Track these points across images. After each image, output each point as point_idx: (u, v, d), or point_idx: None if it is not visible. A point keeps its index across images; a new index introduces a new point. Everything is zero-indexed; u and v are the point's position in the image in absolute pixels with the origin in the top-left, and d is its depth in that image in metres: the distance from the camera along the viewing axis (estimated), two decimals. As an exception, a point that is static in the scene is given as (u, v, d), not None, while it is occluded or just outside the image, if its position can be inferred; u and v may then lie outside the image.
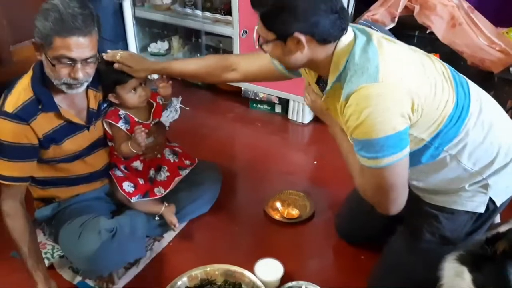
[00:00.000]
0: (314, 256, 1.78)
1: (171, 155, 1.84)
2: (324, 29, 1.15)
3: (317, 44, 1.19)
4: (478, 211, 1.33)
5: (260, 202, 1.99)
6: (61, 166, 1.59)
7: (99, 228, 1.51)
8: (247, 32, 2.50)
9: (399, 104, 1.15)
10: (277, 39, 1.19)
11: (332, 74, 1.24)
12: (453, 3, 2.34)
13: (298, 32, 1.15)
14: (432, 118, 1.21)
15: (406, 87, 1.16)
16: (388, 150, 1.16)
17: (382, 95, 1.13)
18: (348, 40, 1.21)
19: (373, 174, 1.22)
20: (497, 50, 2.28)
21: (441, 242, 1.38)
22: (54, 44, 1.32)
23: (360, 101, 1.15)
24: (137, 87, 1.61)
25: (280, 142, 2.54)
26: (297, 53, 1.20)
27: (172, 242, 1.81)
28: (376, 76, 1.14)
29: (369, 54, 1.18)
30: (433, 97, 1.20)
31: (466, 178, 1.31)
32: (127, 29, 2.89)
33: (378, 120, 1.13)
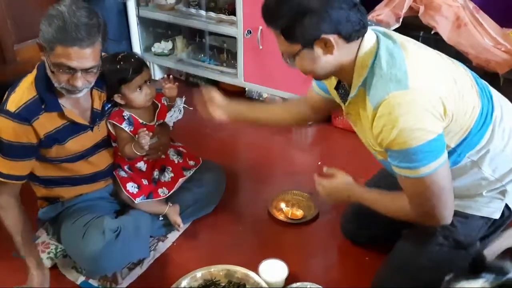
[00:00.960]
0: (319, 257, 1.78)
1: (175, 155, 1.84)
2: (348, 24, 1.12)
3: (343, 43, 1.15)
4: (493, 217, 1.33)
5: (264, 203, 1.99)
6: (65, 166, 1.59)
7: (103, 228, 1.51)
8: (251, 32, 2.50)
9: (433, 108, 1.12)
10: (303, 48, 1.16)
11: (356, 79, 1.21)
12: (458, 4, 2.32)
13: (324, 33, 1.12)
14: (460, 124, 1.20)
15: (437, 92, 1.14)
16: (430, 157, 1.14)
17: (415, 101, 1.11)
18: (371, 42, 1.19)
19: (418, 184, 1.18)
20: (503, 51, 2.27)
21: (454, 246, 1.37)
22: (56, 51, 1.31)
23: (392, 110, 1.12)
24: (142, 85, 1.61)
25: (284, 142, 2.54)
26: (327, 56, 1.17)
27: (176, 242, 1.81)
28: (406, 83, 1.12)
29: (395, 58, 1.16)
30: (462, 103, 1.19)
31: (485, 185, 1.30)
32: (131, 29, 2.88)
33: (416, 127, 1.11)
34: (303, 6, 1.09)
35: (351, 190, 1.45)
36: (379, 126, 1.16)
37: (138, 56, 1.66)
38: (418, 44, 1.27)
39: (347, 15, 1.11)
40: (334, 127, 2.55)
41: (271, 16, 1.16)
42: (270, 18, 1.17)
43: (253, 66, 2.61)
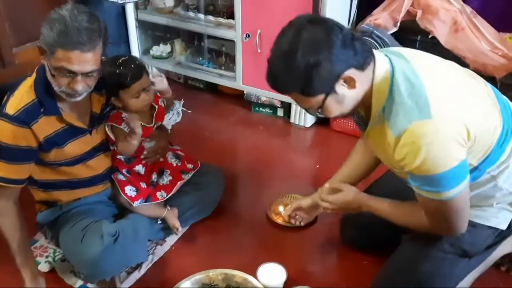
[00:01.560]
0: (317, 261, 1.78)
1: (174, 158, 1.84)
2: (356, 55, 1.13)
3: (360, 73, 1.16)
4: (500, 228, 1.34)
5: (262, 206, 1.99)
6: (63, 169, 1.59)
7: (101, 232, 1.50)
8: (249, 35, 2.50)
9: (457, 135, 1.13)
10: (327, 96, 1.16)
11: (375, 106, 1.21)
12: (455, 8, 2.34)
13: (341, 72, 1.13)
14: (483, 144, 1.20)
15: (460, 117, 1.13)
16: (453, 182, 1.15)
17: (438, 130, 1.11)
18: (384, 67, 1.19)
19: (439, 206, 1.21)
20: (500, 56, 2.28)
21: (459, 254, 1.37)
22: (56, 54, 1.31)
23: (416, 140, 1.12)
24: (140, 92, 1.60)
25: (282, 146, 2.54)
26: (351, 91, 1.17)
27: (174, 246, 1.81)
28: (428, 111, 1.11)
29: (414, 84, 1.15)
30: (484, 123, 1.19)
31: (498, 197, 1.31)
32: (129, 32, 2.88)
33: (439, 156, 1.12)
34: (311, 61, 1.09)
35: (361, 200, 1.46)
36: (402, 153, 1.16)
37: (139, 62, 1.64)
38: (431, 61, 1.26)
39: (352, 48, 1.12)
40: (333, 130, 2.56)
41: (284, 85, 1.16)
42: (284, 87, 1.17)
43: (251, 69, 2.62)
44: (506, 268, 1.64)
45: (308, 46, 1.09)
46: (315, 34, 1.10)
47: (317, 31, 1.11)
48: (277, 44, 1.15)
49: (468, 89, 1.22)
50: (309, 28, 1.11)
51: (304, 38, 1.10)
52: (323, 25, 1.12)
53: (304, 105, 1.21)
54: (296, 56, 1.10)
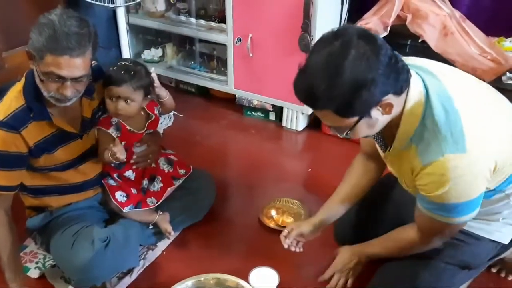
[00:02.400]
0: (309, 264, 1.78)
1: (166, 164, 1.83)
2: (398, 80, 1.06)
3: (397, 98, 1.09)
4: (503, 242, 1.34)
5: (254, 210, 1.99)
6: (53, 175, 1.57)
7: (92, 237, 1.49)
8: (241, 39, 2.51)
9: (486, 171, 1.12)
10: (360, 119, 1.08)
11: (406, 131, 1.15)
12: (445, 13, 2.36)
13: (381, 98, 1.05)
14: (505, 172, 1.19)
15: (492, 151, 1.12)
16: (467, 211, 1.16)
17: (470, 166, 1.09)
18: (418, 89, 1.12)
19: (442, 226, 1.22)
20: (489, 59, 2.30)
21: (460, 265, 1.38)
22: (45, 60, 1.30)
23: (445, 172, 1.09)
24: (115, 98, 1.57)
25: (274, 150, 2.54)
26: (384, 116, 1.10)
27: (166, 251, 1.80)
28: (463, 145, 1.07)
29: (448, 110, 1.10)
30: (509, 149, 1.17)
31: (505, 214, 1.31)
32: (120, 36, 2.87)
33: (464, 189, 1.11)
34: (357, 81, 1.00)
35: (359, 254, 1.49)
36: (425, 180, 1.14)
37: (134, 73, 1.57)
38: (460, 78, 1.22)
39: (396, 72, 1.05)
40: (324, 134, 2.56)
41: (321, 101, 1.05)
42: (320, 103, 1.06)
43: (243, 73, 2.62)
44: (497, 270, 1.66)
45: (357, 65, 1.00)
46: (364, 53, 1.00)
47: (366, 49, 1.01)
48: (319, 55, 1.04)
49: (497, 110, 1.19)
50: (359, 44, 1.01)
51: (353, 54, 1.00)
52: (372, 43, 1.02)
53: (333, 123, 1.12)
54: (342, 73, 1.00)
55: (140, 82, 1.58)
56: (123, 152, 1.53)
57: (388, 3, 2.44)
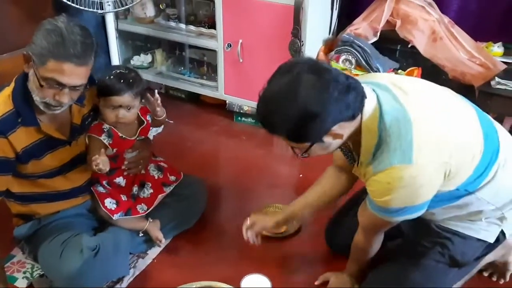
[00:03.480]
0: (301, 271, 1.77)
1: (156, 171, 1.81)
2: (348, 108, 1.12)
3: (348, 123, 1.16)
4: (489, 241, 1.36)
5: (246, 217, 1.96)
6: (41, 182, 1.55)
7: (81, 246, 1.47)
8: (231, 45, 2.50)
9: (432, 181, 1.16)
10: (312, 144, 1.17)
11: (367, 146, 1.20)
12: (434, 18, 2.38)
13: (330, 128, 1.13)
14: (459, 173, 1.21)
15: (440, 160, 1.15)
16: (406, 213, 1.21)
17: (416, 177, 1.13)
18: (372, 106, 1.18)
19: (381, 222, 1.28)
20: (478, 64, 2.33)
21: (449, 264, 1.39)
22: (47, 65, 1.30)
23: (391, 182, 1.15)
24: (116, 107, 1.56)
25: (265, 155, 2.53)
26: (336, 141, 1.19)
27: (157, 258, 1.77)
28: (410, 156, 1.12)
29: (400, 123, 1.15)
30: (463, 155, 1.20)
31: (486, 212, 1.32)
32: (109, 42, 2.84)
33: (407, 196, 1.16)
34: (304, 112, 1.08)
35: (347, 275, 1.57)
36: (373, 187, 1.21)
37: (133, 79, 1.57)
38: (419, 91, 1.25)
39: (346, 102, 1.11)
40: (315, 139, 2.56)
41: (272, 127, 1.15)
42: (272, 129, 1.15)
43: (233, 79, 2.61)
44: (489, 274, 1.67)
45: (307, 96, 1.07)
46: (313, 87, 1.08)
47: (315, 83, 1.08)
48: (274, 85, 1.13)
49: (451, 121, 1.22)
50: (308, 79, 1.08)
51: (304, 86, 1.07)
52: (322, 77, 1.09)
53: (290, 145, 1.21)
54: (293, 102, 1.08)
55: (138, 88, 1.59)
56: (107, 164, 1.50)
57: (378, 8, 2.46)
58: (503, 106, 2.06)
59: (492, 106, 2.05)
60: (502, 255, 1.59)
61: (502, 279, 1.64)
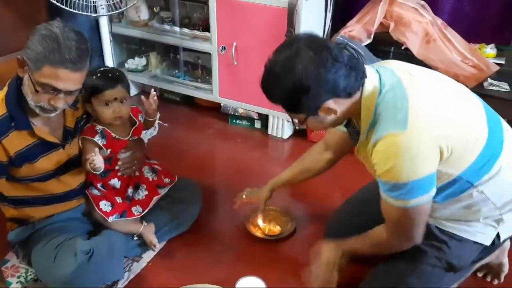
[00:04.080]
0: (296, 273, 1.76)
1: (150, 173, 1.81)
2: (344, 86, 1.17)
3: (344, 100, 1.22)
4: (485, 243, 1.36)
5: (241, 219, 1.97)
6: (35, 185, 1.55)
7: (75, 249, 1.47)
8: (225, 48, 2.50)
9: (427, 151, 1.16)
10: (307, 116, 1.24)
11: (364, 122, 1.25)
12: (427, 20, 2.39)
13: (323, 102, 1.19)
14: (462, 154, 1.22)
15: (435, 132, 1.16)
16: (415, 193, 1.19)
17: (410, 143, 1.15)
18: (373, 85, 1.23)
19: (398, 212, 1.24)
20: (471, 66, 2.34)
21: (445, 268, 1.39)
22: (43, 70, 1.30)
23: (387, 149, 1.17)
24: (111, 101, 1.57)
25: (260, 158, 2.53)
26: (332, 116, 1.23)
27: (151, 262, 1.77)
28: (404, 124, 1.15)
29: (397, 98, 1.19)
30: (464, 135, 1.21)
31: (485, 212, 1.32)
32: (103, 45, 2.84)
33: (406, 166, 1.16)
34: (296, 87, 1.15)
35: (339, 248, 1.49)
36: (374, 159, 1.22)
37: (119, 73, 1.63)
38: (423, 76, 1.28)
39: (341, 78, 1.16)
40: (310, 141, 2.57)
41: (270, 97, 1.23)
42: (270, 98, 1.24)
43: (228, 81, 2.61)
44: (483, 274, 1.67)
45: (302, 70, 1.13)
46: (311, 60, 1.14)
47: (313, 57, 1.14)
48: (277, 56, 1.20)
49: (453, 102, 1.24)
50: (308, 52, 1.14)
51: (301, 60, 1.14)
52: (322, 52, 1.15)
53: (288, 115, 1.28)
54: (289, 75, 1.15)
55: (126, 81, 1.64)
56: (102, 162, 1.53)
57: (371, 11, 2.47)
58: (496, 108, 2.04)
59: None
60: (497, 257, 1.59)
61: (497, 280, 1.65)
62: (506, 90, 2.06)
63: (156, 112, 1.74)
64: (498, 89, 2.07)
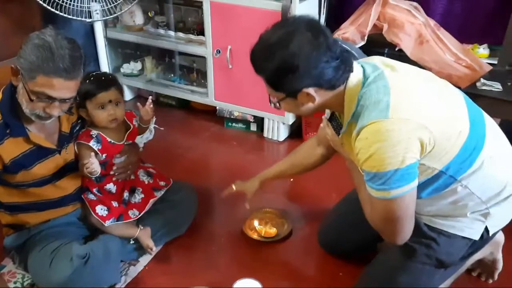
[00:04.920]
0: (293, 275, 1.77)
1: (145, 176, 1.82)
2: (330, 77, 1.18)
3: (326, 91, 1.22)
4: (473, 238, 1.36)
5: (237, 222, 1.98)
6: (31, 191, 1.55)
7: (71, 254, 1.47)
8: (220, 51, 2.51)
9: (409, 140, 1.16)
10: (286, 97, 1.23)
11: (346, 114, 1.26)
12: (420, 21, 2.41)
13: (305, 87, 1.19)
14: (444, 148, 1.22)
15: (417, 122, 1.16)
16: (396, 183, 1.18)
17: (392, 131, 1.14)
18: (357, 78, 1.24)
19: (381, 205, 1.23)
20: (464, 66, 2.35)
21: (435, 265, 1.39)
22: (37, 80, 1.31)
23: (369, 136, 1.17)
24: (106, 104, 1.58)
25: (256, 160, 2.54)
26: (309, 104, 1.24)
27: (148, 265, 1.77)
28: (386, 112, 1.16)
29: (379, 88, 1.20)
30: (446, 129, 1.21)
31: (471, 206, 1.32)
32: (98, 50, 2.86)
33: (387, 155, 1.15)
34: (286, 63, 1.15)
35: None
36: (357, 148, 1.21)
37: (112, 76, 1.65)
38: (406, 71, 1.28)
39: (330, 69, 1.17)
40: (305, 143, 2.57)
41: (257, 67, 1.23)
42: (256, 68, 1.23)
43: (223, 85, 2.62)
44: (477, 273, 1.68)
45: (297, 49, 1.13)
46: (308, 42, 1.14)
47: (311, 39, 1.14)
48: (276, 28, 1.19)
49: (435, 95, 1.25)
50: (307, 34, 1.14)
51: (299, 39, 1.14)
52: (319, 37, 1.15)
53: (267, 90, 1.27)
54: (282, 49, 1.14)
55: (119, 84, 1.65)
56: (98, 166, 1.55)
57: (365, 13, 2.48)
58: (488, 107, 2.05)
59: (479, 107, 2.07)
60: (491, 253, 1.60)
61: (491, 279, 1.65)
62: (498, 90, 2.07)
63: (151, 119, 1.75)
64: (491, 89, 2.08)
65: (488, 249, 1.56)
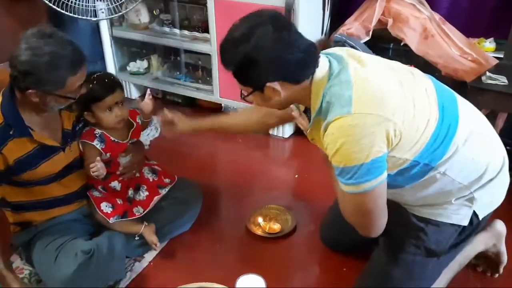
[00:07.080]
0: (297, 271, 1.78)
1: (150, 173, 1.83)
2: (294, 71, 1.20)
3: (291, 85, 1.23)
4: (462, 224, 1.35)
5: (242, 218, 1.98)
6: (37, 189, 1.57)
7: (76, 250, 1.49)
8: (224, 49, 2.52)
9: (373, 134, 1.16)
10: (253, 90, 1.24)
11: (312, 109, 1.27)
12: (425, 16, 2.39)
13: (269, 82, 1.20)
14: (413, 139, 1.22)
15: (381, 116, 1.16)
16: (363, 177, 1.18)
17: (356, 126, 1.15)
18: (323, 72, 1.24)
19: (352, 199, 1.24)
20: (469, 60, 2.33)
21: (426, 255, 1.39)
22: (67, 83, 1.37)
23: (335, 131, 1.18)
24: (113, 106, 1.60)
25: (261, 157, 2.55)
26: (276, 98, 1.24)
27: (153, 261, 1.78)
28: (349, 108, 1.16)
29: (342, 84, 1.20)
30: (412, 119, 1.21)
31: (455, 192, 1.32)
32: (104, 49, 2.89)
33: (352, 150, 1.16)
34: (249, 57, 1.16)
35: None
36: (325, 143, 1.22)
37: (114, 77, 1.66)
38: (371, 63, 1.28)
39: (294, 63, 1.18)
40: (311, 139, 2.57)
41: (223, 61, 1.23)
42: (223, 62, 1.24)
43: (228, 82, 2.62)
44: (482, 269, 1.67)
45: (257, 43, 1.15)
46: (270, 37, 1.15)
47: (272, 34, 1.15)
48: (240, 25, 1.20)
49: (399, 86, 1.24)
50: (269, 28, 1.15)
51: (260, 34, 1.15)
52: (282, 32, 1.16)
53: (238, 84, 1.27)
54: (244, 44, 1.15)
55: (120, 83, 1.67)
56: (103, 169, 1.57)
57: (369, 8, 2.47)
58: (494, 101, 2.05)
59: (484, 101, 2.04)
60: (494, 245, 1.58)
61: (496, 274, 1.64)
62: (504, 83, 2.05)
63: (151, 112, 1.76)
64: (497, 83, 2.06)
65: (490, 241, 1.55)
